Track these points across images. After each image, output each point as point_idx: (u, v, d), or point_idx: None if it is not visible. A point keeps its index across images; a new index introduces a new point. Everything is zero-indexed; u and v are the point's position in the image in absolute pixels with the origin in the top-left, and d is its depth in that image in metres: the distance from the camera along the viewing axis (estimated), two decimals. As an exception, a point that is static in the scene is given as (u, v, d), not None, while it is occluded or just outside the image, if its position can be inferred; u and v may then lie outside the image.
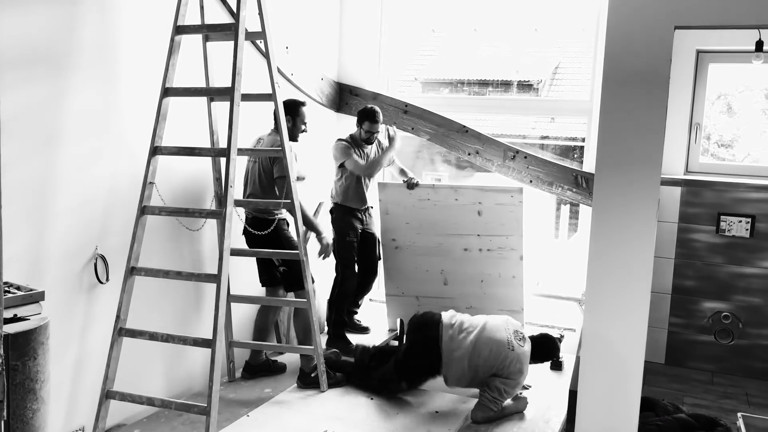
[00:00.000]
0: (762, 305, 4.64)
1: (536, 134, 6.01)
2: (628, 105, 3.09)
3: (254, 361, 4.29)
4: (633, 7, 3.03)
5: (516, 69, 6.22)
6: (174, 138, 3.56)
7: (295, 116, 4.13)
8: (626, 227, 3.16)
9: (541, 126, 6.01)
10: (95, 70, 3.21)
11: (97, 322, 3.37)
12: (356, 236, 4.93)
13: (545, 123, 5.98)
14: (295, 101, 4.18)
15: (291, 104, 4.12)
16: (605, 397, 3.26)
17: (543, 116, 5.94)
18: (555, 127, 5.91)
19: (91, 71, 3.19)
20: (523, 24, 5.81)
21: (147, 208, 3.33)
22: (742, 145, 5.32)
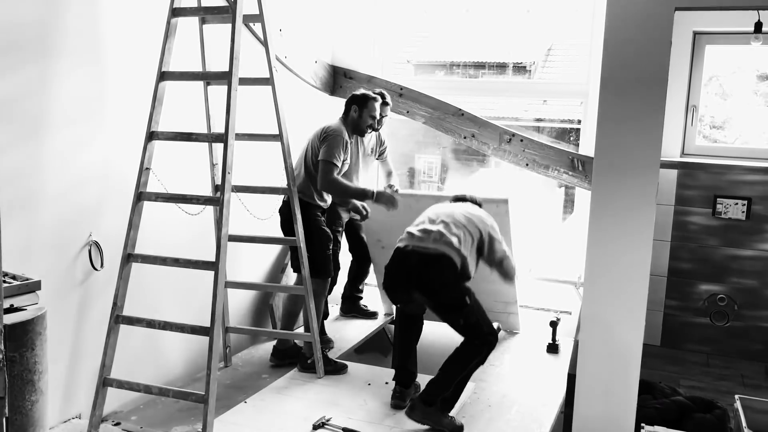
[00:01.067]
0: (757, 287, 4.66)
1: (529, 116, 5.96)
2: (628, 88, 3.07)
3: (282, 346, 4.26)
4: (634, -11, 3.00)
5: (508, 51, 6.16)
6: (169, 123, 3.50)
7: (362, 107, 4.16)
8: (625, 210, 3.16)
9: (534, 108, 5.96)
10: (86, 54, 3.16)
11: (92, 309, 3.34)
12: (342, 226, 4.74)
13: (539, 105, 5.94)
14: (366, 94, 4.22)
15: (361, 96, 4.20)
16: (604, 381, 3.27)
17: (537, 98, 5.89)
18: (550, 110, 5.87)
19: (83, 55, 3.13)
20: (514, 5, 5.75)
21: (144, 194, 3.28)
22: (733, 126, 5.31)
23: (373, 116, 4.19)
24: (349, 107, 4.19)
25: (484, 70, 6.02)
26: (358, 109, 4.15)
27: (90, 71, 3.19)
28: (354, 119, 4.17)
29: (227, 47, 3.20)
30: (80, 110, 3.16)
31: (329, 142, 3.96)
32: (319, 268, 4.06)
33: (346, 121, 4.17)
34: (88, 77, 3.18)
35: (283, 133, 3.64)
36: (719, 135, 5.38)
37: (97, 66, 3.22)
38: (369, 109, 4.17)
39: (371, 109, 4.18)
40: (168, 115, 3.47)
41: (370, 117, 4.18)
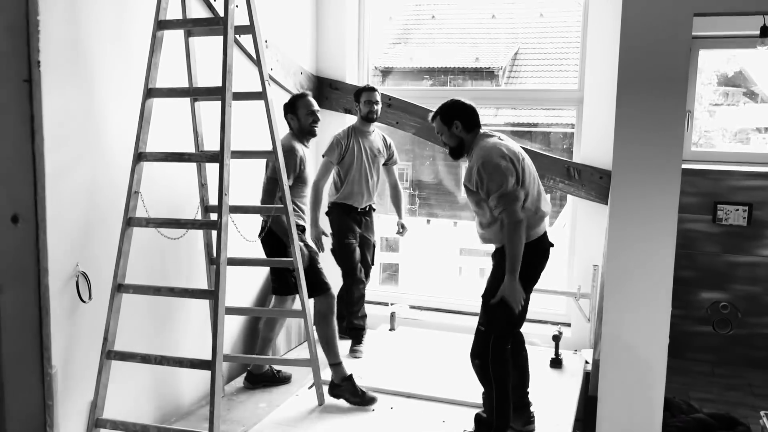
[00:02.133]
0: (761, 294, 4.58)
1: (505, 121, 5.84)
2: (647, 95, 2.95)
3: (257, 370, 4.07)
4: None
5: (476, 56, 6.06)
6: (153, 142, 3.29)
7: (295, 111, 3.92)
8: (646, 221, 3.04)
9: (523, 114, 5.85)
10: (68, 70, 2.92)
11: (80, 343, 3.10)
12: (356, 238, 4.65)
13: (529, 111, 5.82)
14: (291, 97, 3.99)
15: (287, 103, 3.96)
16: (627, 402, 3.14)
17: (525, 105, 5.78)
18: (540, 115, 5.76)
19: (64, 71, 2.89)
20: (481, 10, 5.69)
21: (133, 220, 3.06)
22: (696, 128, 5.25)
23: (311, 111, 3.92)
24: (286, 118, 3.95)
25: (459, 76, 5.88)
26: (293, 115, 3.92)
27: (74, 88, 2.96)
28: (297, 127, 3.93)
29: (213, 60, 3.00)
30: (65, 130, 2.92)
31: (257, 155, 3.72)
32: (313, 285, 3.86)
33: (294, 134, 3.96)
34: (72, 95, 2.95)
35: (278, 148, 3.44)
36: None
37: (82, 83, 2.99)
38: (302, 108, 3.91)
39: (305, 106, 3.91)
40: (154, 134, 3.26)
41: (309, 114, 3.92)
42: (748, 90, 5.28)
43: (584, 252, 4.78)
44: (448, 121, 3.36)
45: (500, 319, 3.29)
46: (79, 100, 2.98)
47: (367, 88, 4.61)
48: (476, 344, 3.40)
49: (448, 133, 3.37)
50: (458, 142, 3.36)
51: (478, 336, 3.39)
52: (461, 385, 4.02)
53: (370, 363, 4.42)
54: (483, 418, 3.45)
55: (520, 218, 3.12)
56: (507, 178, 3.13)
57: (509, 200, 3.12)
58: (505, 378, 3.35)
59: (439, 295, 5.51)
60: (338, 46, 5.27)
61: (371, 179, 4.64)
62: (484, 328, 3.35)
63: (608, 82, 4.34)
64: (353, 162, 4.56)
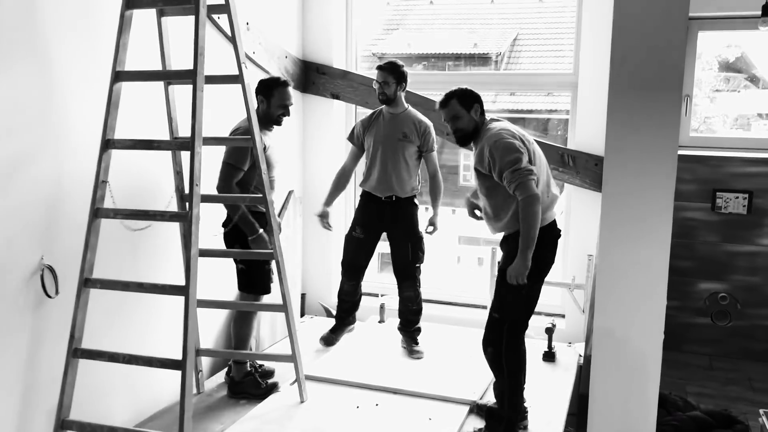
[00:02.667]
0: (761, 284, 4.44)
1: (502, 108, 5.69)
2: (641, 76, 2.79)
3: (238, 375, 3.78)
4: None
5: (474, 42, 5.91)
6: (127, 129, 3.14)
7: (268, 97, 3.62)
8: (641, 210, 2.89)
9: (516, 99, 5.70)
10: (23, 52, 2.75)
11: (47, 340, 2.95)
12: (363, 232, 4.32)
13: (522, 96, 5.67)
14: (270, 79, 3.72)
15: (264, 83, 3.67)
16: (620, 400, 3.00)
17: (520, 90, 5.62)
18: (535, 100, 5.61)
19: (17, 53, 2.72)
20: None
21: (100, 211, 2.90)
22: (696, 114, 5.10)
23: (284, 105, 3.63)
24: (256, 98, 3.62)
25: (458, 62, 5.73)
26: (264, 98, 3.62)
27: (35, 72, 2.79)
28: (263, 111, 3.63)
29: (190, 42, 2.83)
30: (25, 118, 2.76)
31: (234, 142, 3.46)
32: (254, 283, 3.72)
33: (258, 116, 3.53)
34: (32, 79, 2.78)
35: (256, 134, 3.28)
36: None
37: (43, 66, 2.82)
38: (277, 96, 3.61)
39: (281, 98, 3.62)
40: (127, 120, 3.10)
41: (281, 107, 3.63)
42: (750, 75, 5.12)
43: (579, 241, 4.63)
44: (469, 104, 3.27)
45: (515, 305, 3.21)
46: (39, 85, 2.82)
47: (377, 66, 4.19)
48: (489, 332, 3.32)
49: (467, 117, 3.27)
50: (474, 126, 3.28)
51: (491, 323, 3.30)
52: (450, 380, 3.89)
53: (356, 356, 4.28)
54: (494, 411, 3.35)
55: (535, 192, 3.03)
56: (521, 155, 3.07)
57: (523, 174, 3.03)
58: (520, 368, 3.28)
59: (433, 286, 5.35)
60: (325, 29, 5.10)
61: (395, 166, 4.18)
62: (498, 315, 3.25)
63: (603, 66, 4.16)
64: (371, 146, 4.25)
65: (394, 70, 4.13)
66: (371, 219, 4.31)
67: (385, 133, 4.20)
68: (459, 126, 3.28)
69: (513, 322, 3.25)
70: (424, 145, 4.25)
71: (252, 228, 3.52)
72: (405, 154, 4.19)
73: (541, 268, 3.23)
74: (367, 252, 4.41)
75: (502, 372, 3.26)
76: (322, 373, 3.98)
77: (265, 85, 3.67)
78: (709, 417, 3.30)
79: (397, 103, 4.22)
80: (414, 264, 4.32)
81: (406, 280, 4.34)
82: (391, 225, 4.31)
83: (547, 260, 3.28)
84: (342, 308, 4.58)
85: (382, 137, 4.20)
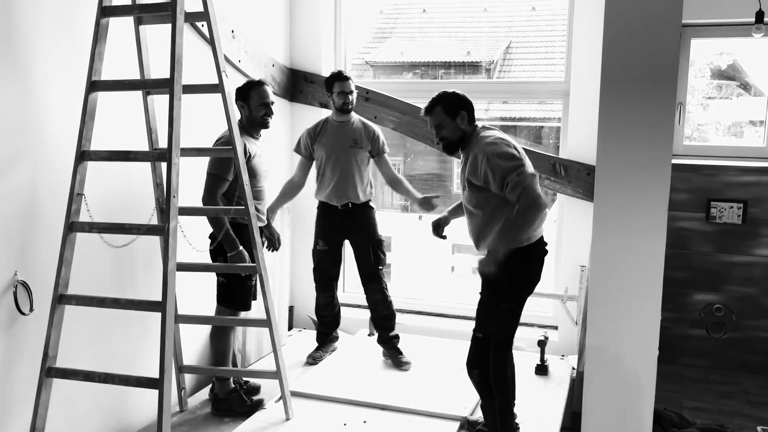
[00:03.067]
0: (756, 295, 4.36)
1: (494, 116, 5.62)
2: (634, 83, 2.71)
3: (222, 392, 3.67)
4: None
5: (467, 50, 5.86)
6: (106, 140, 3.04)
7: (247, 100, 3.54)
8: (634, 224, 2.80)
9: (509, 108, 5.64)
10: (1, 60, 2.66)
11: (21, 359, 2.85)
12: (328, 244, 4.34)
13: (513, 105, 5.60)
14: (245, 83, 3.62)
15: (240, 88, 3.59)
16: (614, 416, 2.91)
17: (511, 98, 5.56)
18: (526, 109, 5.55)
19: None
20: (472, 3, 5.45)
21: (75, 225, 2.81)
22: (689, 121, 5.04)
23: (265, 103, 3.55)
24: (237, 105, 3.52)
25: (449, 70, 5.67)
26: (244, 103, 3.54)
27: (9, 81, 2.70)
28: (246, 116, 3.56)
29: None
30: None
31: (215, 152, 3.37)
32: (233, 297, 3.63)
33: (242, 125, 3.55)
34: (6, 88, 2.69)
35: (237, 146, 3.19)
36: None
37: (16, 74, 2.73)
38: (255, 97, 3.53)
39: (260, 96, 3.54)
40: (103, 131, 3.01)
41: (262, 105, 3.54)
42: (743, 82, 5.06)
43: (571, 252, 4.55)
44: (454, 111, 3.12)
45: (499, 323, 3.11)
46: (14, 94, 2.72)
47: (340, 77, 4.17)
48: (474, 353, 3.21)
49: (452, 125, 3.13)
50: (461, 135, 3.15)
51: (476, 344, 3.19)
52: (440, 395, 3.79)
53: (344, 371, 4.18)
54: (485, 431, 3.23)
55: (539, 193, 2.92)
56: (522, 161, 2.97)
57: (528, 178, 2.91)
58: (508, 387, 3.16)
59: (424, 298, 5.26)
60: (313, 37, 5.02)
61: (349, 173, 4.20)
62: (481, 334, 3.14)
63: (596, 74, 4.09)
64: (323, 156, 4.22)
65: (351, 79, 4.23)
66: (331, 229, 4.34)
67: (335, 141, 4.22)
68: (444, 135, 3.17)
69: (498, 342, 3.13)
70: (374, 150, 4.29)
71: (232, 244, 3.42)
72: (357, 160, 4.22)
73: (525, 285, 3.14)
74: (334, 261, 4.44)
75: (491, 393, 3.16)
76: (309, 389, 3.88)
77: (241, 90, 3.59)
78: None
79: (351, 112, 4.28)
80: (377, 267, 4.34)
81: (371, 283, 4.34)
82: (351, 231, 4.34)
83: (531, 278, 3.17)
84: (323, 323, 4.55)
85: (332, 146, 4.21)
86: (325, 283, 4.45)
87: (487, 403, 3.18)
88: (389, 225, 5.70)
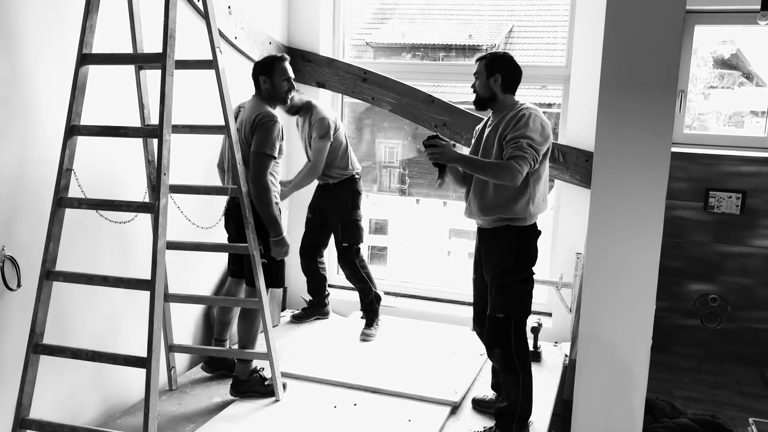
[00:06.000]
0: (752, 286, 4.34)
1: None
2: (635, 68, 2.66)
3: (243, 374, 3.61)
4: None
5: (469, 33, 5.79)
6: (98, 115, 2.99)
7: (271, 73, 3.49)
8: (630, 212, 2.77)
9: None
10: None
11: (9, 335, 2.82)
12: (310, 212, 4.62)
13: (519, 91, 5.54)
14: (267, 57, 3.59)
15: (263, 62, 3.54)
16: (605, 407, 2.88)
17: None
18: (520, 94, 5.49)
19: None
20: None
21: (64, 200, 2.76)
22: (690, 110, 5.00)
23: (288, 78, 3.53)
24: (257, 80, 3.52)
25: (450, 53, 5.61)
26: (267, 78, 3.49)
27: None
28: (267, 90, 3.51)
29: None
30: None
31: (264, 128, 3.33)
32: (275, 277, 3.60)
33: (262, 97, 3.52)
34: (-7, 60, 2.64)
35: (231, 123, 3.14)
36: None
37: (3, 46, 2.67)
38: (279, 72, 3.50)
39: (282, 72, 3.51)
40: (95, 105, 2.96)
41: (285, 81, 3.52)
42: (745, 72, 5.00)
43: (567, 239, 4.51)
44: (491, 70, 3.16)
45: (517, 301, 3.13)
46: (2, 67, 2.66)
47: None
48: (494, 333, 3.18)
49: (484, 82, 3.17)
50: (489, 95, 3.18)
51: (495, 325, 3.16)
52: (432, 380, 3.77)
53: (335, 353, 4.16)
54: (503, 408, 3.22)
55: (522, 175, 2.92)
56: (542, 144, 2.98)
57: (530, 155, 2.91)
58: (530, 363, 3.22)
59: (420, 282, 5.24)
60: (312, 15, 4.94)
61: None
62: (502, 315, 3.13)
63: (597, 59, 4.04)
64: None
65: None
66: (315, 201, 4.60)
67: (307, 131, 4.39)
68: (476, 87, 3.22)
69: (518, 319, 3.15)
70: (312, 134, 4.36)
71: (277, 228, 3.39)
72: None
73: (529, 259, 3.16)
74: (316, 233, 4.62)
75: (515, 370, 3.15)
76: (300, 370, 3.86)
77: (264, 63, 3.54)
78: (697, 424, 3.19)
79: None
80: (342, 244, 4.48)
81: (340, 258, 4.55)
82: (327, 207, 4.54)
83: (533, 254, 3.18)
84: (308, 287, 4.77)
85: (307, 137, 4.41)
86: (304, 251, 4.66)
87: (510, 378, 3.18)
88: (386, 208, 5.67)
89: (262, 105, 3.45)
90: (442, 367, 3.96)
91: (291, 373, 3.81)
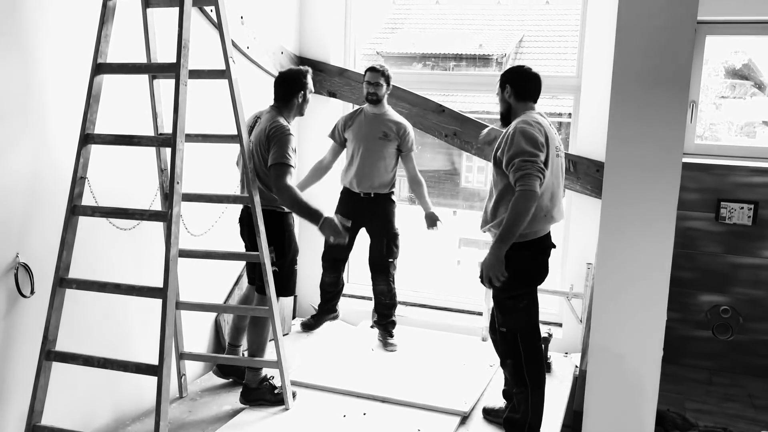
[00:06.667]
0: (764, 298, 4.31)
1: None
2: (646, 80, 2.66)
3: (254, 382, 3.61)
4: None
5: (479, 42, 5.81)
6: (111, 123, 3.02)
7: (305, 88, 3.55)
8: (642, 222, 2.76)
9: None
10: (6, 41, 2.64)
11: (22, 342, 2.84)
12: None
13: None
14: (300, 70, 3.59)
15: (295, 77, 3.54)
16: (615, 416, 2.88)
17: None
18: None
19: (1, 43, 2.61)
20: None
21: (78, 208, 2.79)
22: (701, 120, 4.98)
23: (310, 91, 3.59)
24: (292, 95, 3.52)
25: (460, 63, 5.63)
26: (304, 93, 3.54)
27: (14, 62, 2.67)
28: (299, 106, 3.56)
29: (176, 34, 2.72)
30: (3, 108, 2.64)
31: (279, 141, 3.30)
32: (286, 285, 3.61)
33: (287, 109, 3.53)
34: (12, 69, 2.67)
35: (243, 133, 3.16)
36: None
37: (20, 55, 2.70)
38: (309, 86, 3.57)
39: (311, 85, 3.59)
40: (109, 114, 2.99)
41: (310, 94, 3.61)
42: (757, 82, 4.99)
43: (578, 249, 4.50)
44: (502, 84, 3.23)
45: (516, 314, 3.13)
46: (18, 75, 2.70)
47: (370, 68, 4.35)
48: (504, 346, 3.21)
49: (500, 96, 3.24)
50: (506, 107, 3.22)
51: (503, 338, 3.19)
52: (442, 390, 3.77)
53: (344, 362, 4.16)
54: (515, 419, 3.22)
55: (536, 189, 2.87)
56: (539, 152, 2.93)
57: (532, 168, 2.87)
58: (542, 376, 3.21)
59: (429, 292, 5.23)
60: (323, 26, 4.97)
61: (374, 163, 4.32)
62: (505, 329, 3.15)
63: (607, 69, 4.04)
64: (351, 143, 4.39)
65: (386, 73, 4.34)
66: (349, 214, 4.26)
67: (366, 131, 4.35)
68: (499, 104, 3.26)
69: (524, 333, 3.15)
70: (403, 146, 4.39)
71: (315, 215, 3.31)
72: (384, 152, 4.34)
73: (531, 277, 3.15)
74: (347, 246, 4.47)
75: (524, 383, 3.16)
76: (309, 379, 3.86)
77: (298, 77, 3.54)
78: (708, 437, 3.18)
79: (383, 104, 4.38)
80: (387, 259, 4.44)
81: (379, 274, 4.46)
82: (368, 220, 4.43)
83: (540, 270, 3.17)
84: (324, 299, 4.71)
85: (363, 135, 4.35)
86: (332, 267, 4.60)
87: (521, 390, 3.18)
88: (396, 217, 5.67)
89: (278, 116, 3.46)
90: (452, 377, 3.96)
91: (301, 381, 3.82)
